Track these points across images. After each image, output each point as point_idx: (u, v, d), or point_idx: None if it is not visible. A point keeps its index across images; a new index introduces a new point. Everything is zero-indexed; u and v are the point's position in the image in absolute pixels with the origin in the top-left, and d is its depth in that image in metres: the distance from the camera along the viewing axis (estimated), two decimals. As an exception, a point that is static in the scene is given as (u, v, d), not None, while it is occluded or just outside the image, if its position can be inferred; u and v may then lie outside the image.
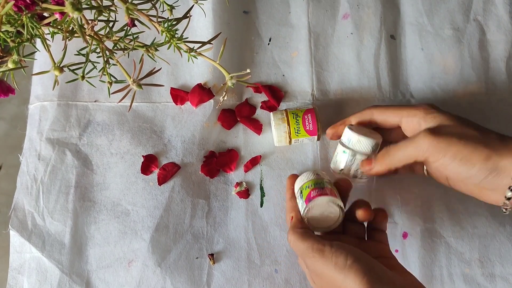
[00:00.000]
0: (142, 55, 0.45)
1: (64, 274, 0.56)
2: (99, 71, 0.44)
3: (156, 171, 0.60)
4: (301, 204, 0.51)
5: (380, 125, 0.55)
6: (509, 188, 0.44)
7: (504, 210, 0.47)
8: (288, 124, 0.58)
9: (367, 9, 0.67)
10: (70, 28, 0.41)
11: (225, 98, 0.45)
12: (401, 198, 0.60)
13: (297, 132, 0.58)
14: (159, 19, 0.43)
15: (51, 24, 0.41)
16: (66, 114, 0.62)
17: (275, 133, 0.59)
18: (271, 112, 0.60)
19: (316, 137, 0.59)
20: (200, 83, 0.63)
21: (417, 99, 0.63)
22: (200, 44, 0.44)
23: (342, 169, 0.55)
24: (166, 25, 0.43)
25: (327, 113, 0.63)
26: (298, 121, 0.58)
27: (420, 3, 0.67)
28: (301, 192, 0.52)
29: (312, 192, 0.50)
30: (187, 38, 0.44)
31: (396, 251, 0.58)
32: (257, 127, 0.62)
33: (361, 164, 0.53)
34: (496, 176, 0.44)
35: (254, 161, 0.61)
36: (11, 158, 1.01)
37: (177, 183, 0.60)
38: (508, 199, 0.45)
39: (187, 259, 0.57)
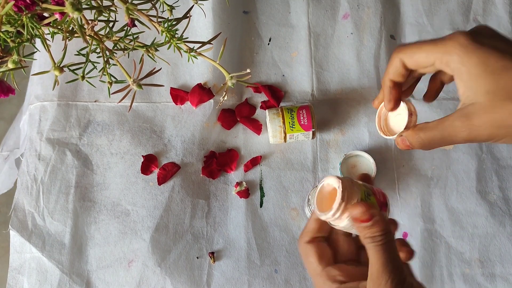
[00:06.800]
0: (142, 55, 0.45)
1: (64, 274, 0.56)
2: (99, 71, 0.44)
3: (156, 171, 0.60)
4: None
5: (419, 73, 0.42)
6: None
7: None
8: (283, 118, 0.58)
9: (367, 9, 0.67)
10: (70, 28, 0.41)
11: (225, 98, 0.45)
12: (401, 198, 0.60)
13: (292, 127, 0.58)
14: (159, 19, 0.43)
15: (51, 24, 0.41)
16: (66, 114, 0.62)
17: (270, 127, 0.58)
18: (267, 109, 0.60)
19: (311, 133, 0.58)
20: (200, 83, 0.63)
21: (418, 98, 0.63)
22: (200, 44, 0.44)
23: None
24: (166, 25, 0.43)
25: (327, 113, 0.63)
26: (292, 116, 0.58)
27: (420, 4, 0.67)
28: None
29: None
30: (187, 38, 0.44)
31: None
32: (257, 127, 0.62)
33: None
34: None
35: (255, 161, 0.61)
36: (11, 158, 1.00)
37: (177, 183, 0.60)
38: None
39: (187, 259, 0.57)
